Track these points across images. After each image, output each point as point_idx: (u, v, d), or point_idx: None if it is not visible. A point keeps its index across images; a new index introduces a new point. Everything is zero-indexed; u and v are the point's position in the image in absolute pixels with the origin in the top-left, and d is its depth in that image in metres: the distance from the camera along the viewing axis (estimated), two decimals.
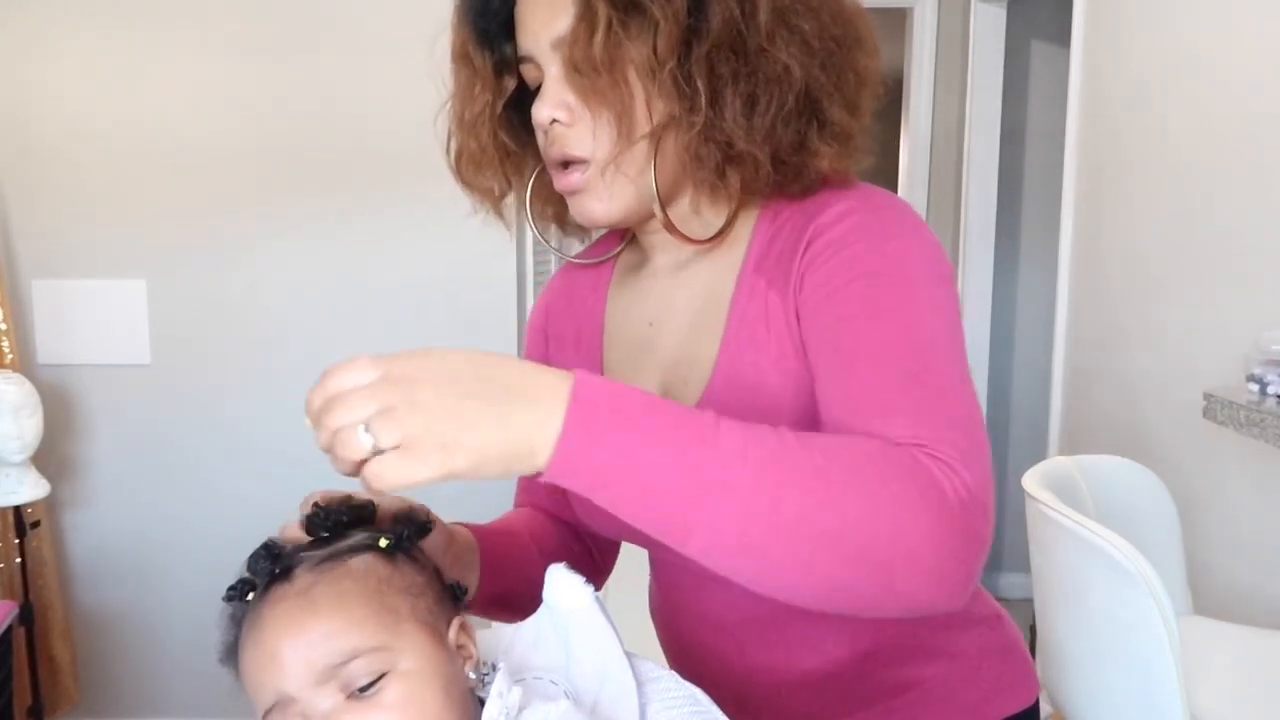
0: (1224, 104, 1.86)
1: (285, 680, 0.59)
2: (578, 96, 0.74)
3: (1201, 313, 1.93)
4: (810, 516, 0.56)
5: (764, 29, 0.71)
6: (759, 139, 0.72)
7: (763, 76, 0.71)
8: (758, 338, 0.75)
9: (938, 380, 0.66)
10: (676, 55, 0.71)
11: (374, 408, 0.54)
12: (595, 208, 0.78)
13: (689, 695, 0.67)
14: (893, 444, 0.61)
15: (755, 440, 0.58)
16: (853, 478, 0.58)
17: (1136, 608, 1.17)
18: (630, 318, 0.87)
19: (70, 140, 2.36)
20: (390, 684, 0.60)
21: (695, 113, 0.72)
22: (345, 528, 0.67)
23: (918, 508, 0.57)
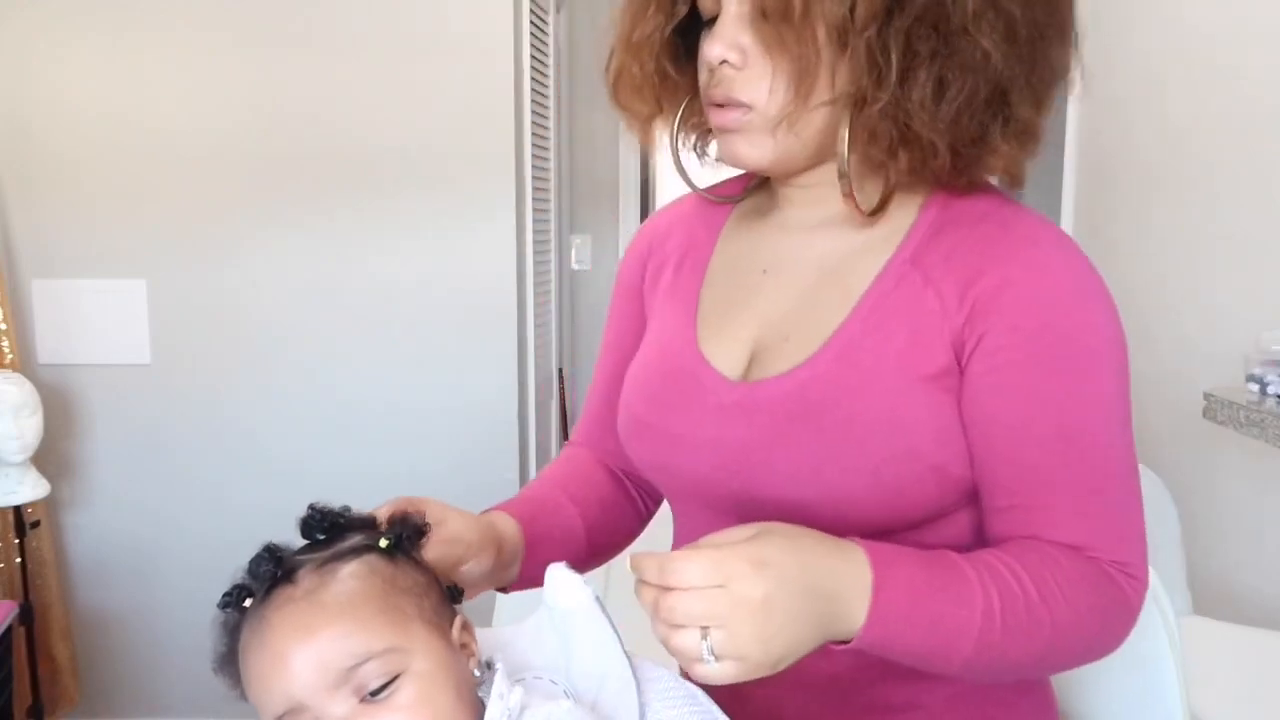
0: (1224, 103, 1.86)
1: (296, 686, 0.58)
2: (757, 41, 0.70)
3: (1201, 313, 1.93)
4: (1041, 658, 0.68)
5: (970, 8, 0.67)
6: (942, 127, 0.68)
7: (959, 60, 0.67)
8: (889, 330, 0.72)
9: (1127, 484, 0.71)
10: (877, 24, 0.66)
11: (716, 621, 0.58)
12: (747, 153, 0.75)
13: (689, 694, 0.67)
14: (1098, 567, 0.70)
15: (1009, 607, 0.65)
16: (1078, 626, 0.68)
17: None
18: (743, 260, 0.84)
19: (70, 140, 2.36)
20: (404, 685, 0.60)
21: (882, 88, 0.68)
22: (341, 530, 0.67)
23: (1119, 631, 0.71)
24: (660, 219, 0.94)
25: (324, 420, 2.46)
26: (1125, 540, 0.71)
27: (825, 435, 0.72)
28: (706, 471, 0.78)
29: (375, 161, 2.38)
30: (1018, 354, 0.69)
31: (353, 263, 2.41)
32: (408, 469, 2.45)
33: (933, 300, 0.72)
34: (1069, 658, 0.71)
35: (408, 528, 0.68)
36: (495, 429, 2.49)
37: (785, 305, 0.79)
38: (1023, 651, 0.66)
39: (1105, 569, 0.69)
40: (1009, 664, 0.67)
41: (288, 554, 0.64)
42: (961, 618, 0.64)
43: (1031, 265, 0.70)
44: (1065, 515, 0.70)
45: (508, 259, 2.43)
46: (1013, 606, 0.65)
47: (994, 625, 0.64)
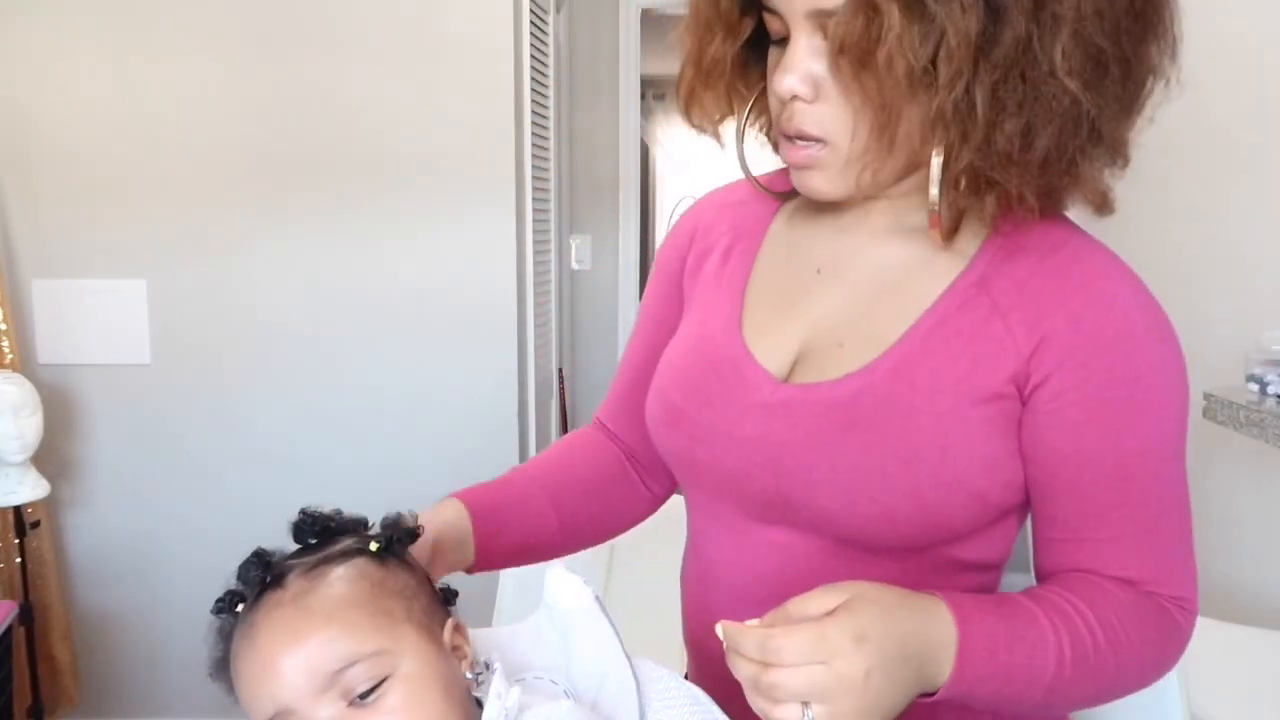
0: (1224, 103, 1.86)
1: (283, 690, 0.58)
2: (835, 79, 0.67)
3: (1201, 313, 1.93)
4: (1100, 694, 0.70)
5: (1061, 51, 0.62)
6: (1031, 176, 0.65)
7: (1046, 107, 0.63)
8: (949, 352, 0.70)
9: (1177, 518, 0.73)
10: (964, 78, 0.62)
11: (819, 697, 0.57)
12: (823, 188, 0.73)
13: (689, 695, 0.67)
14: (1155, 602, 0.71)
15: (1079, 653, 0.67)
16: (1139, 664, 0.71)
17: None
18: (794, 256, 0.81)
19: (70, 140, 2.36)
20: (391, 688, 0.59)
21: (967, 143, 0.64)
22: (332, 534, 0.67)
23: (1173, 659, 0.73)
24: (707, 205, 0.91)
25: (324, 420, 2.46)
26: (1179, 574, 0.73)
27: (871, 450, 0.70)
28: (740, 468, 0.76)
29: (375, 161, 2.38)
30: (1085, 392, 0.69)
31: (352, 263, 2.41)
32: (407, 468, 2.45)
33: (999, 328, 0.70)
34: (1125, 690, 0.72)
35: (398, 530, 0.68)
36: (495, 428, 2.48)
37: (839, 310, 0.76)
38: (1087, 690, 0.69)
39: (1163, 604, 0.72)
40: (1073, 701, 0.70)
41: (277, 559, 0.64)
42: (1037, 667, 0.66)
43: (1103, 303, 0.70)
44: (1121, 550, 0.72)
45: (508, 259, 2.43)
46: (1082, 651, 0.67)
47: (1065, 671, 0.67)
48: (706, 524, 0.83)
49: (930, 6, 0.61)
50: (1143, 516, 0.71)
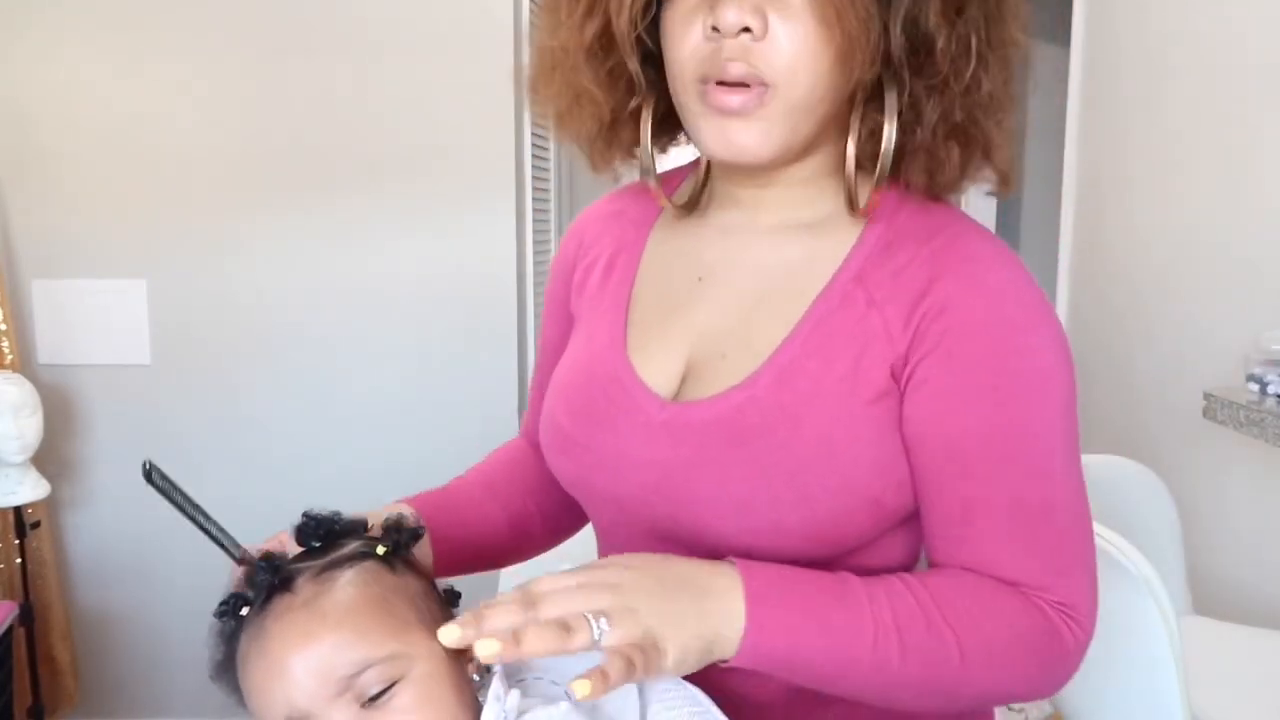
0: (1224, 102, 1.86)
1: (297, 694, 0.59)
2: (805, 6, 0.62)
3: (1201, 312, 1.93)
4: (946, 688, 0.64)
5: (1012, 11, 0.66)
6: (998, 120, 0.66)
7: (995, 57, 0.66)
8: (830, 353, 0.68)
9: (1066, 516, 0.67)
10: (952, 10, 0.62)
11: (606, 605, 0.57)
12: (754, 143, 0.65)
13: (689, 696, 0.67)
14: (1030, 603, 0.65)
15: (907, 623, 0.62)
16: (990, 655, 0.64)
17: (1136, 608, 1.17)
18: (676, 265, 0.78)
19: (70, 140, 2.36)
20: (403, 690, 0.60)
21: (950, 85, 0.63)
22: (336, 537, 0.67)
23: (1056, 674, 0.66)
24: (588, 218, 0.87)
25: (324, 419, 2.46)
26: (1066, 578, 0.66)
27: (758, 465, 0.67)
28: (629, 492, 0.73)
29: (375, 161, 2.38)
30: (953, 379, 0.65)
31: (353, 262, 2.41)
32: (407, 467, 2.45)
33: (877, 323, 0.67)
34: (991, 691, 0.65)
35: (403, 533, 0.68)
36: (495, 428, 2.48)
37: (722, 318, 0.73)
38: (929, 674, 0.63)
39: (1042, 607, 0.66)
40: (915, 685, 0.63)
41: (284, 562, 0.64)
42: (850, 622, 0.62)
43: (973, 287, 0.66)
44: (1000, 548, 0.66)
45: (508, 257, 2.43)
46: (911, 624, 0.62)
47: (890, 638, 0.62)
48: (609, 548, 0.81)
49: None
50: (1022, 513, 0.65)
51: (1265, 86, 1.74)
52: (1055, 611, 0.66)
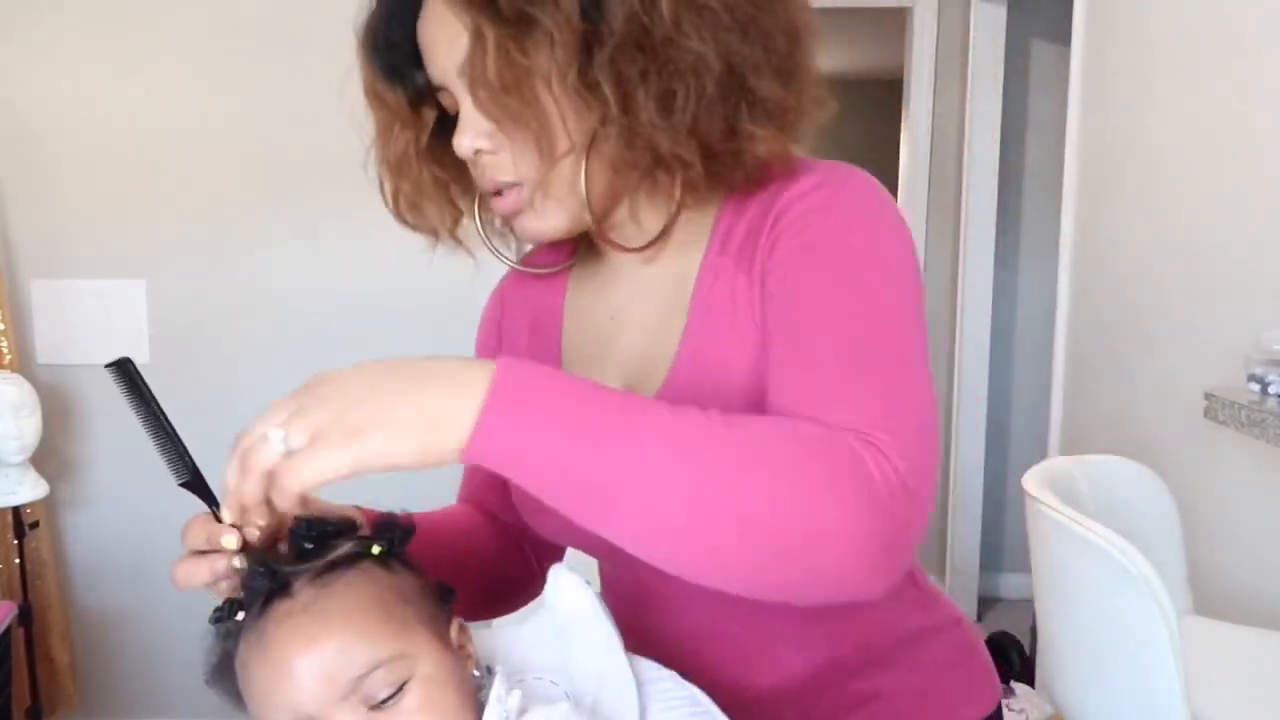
0: (1225, 102, 1.86)
1: (304, 699, 0.58)
2: (493, 122, 0.70)
3: (1202, 312, 1.93)
4: (727, 500, 0.56)
5: (668, 16, 0.66)
6: (683, 137, 0.68)
7: (675, 69, 0.66)
8: (722, 323, 0.72)
9: (890, 365, 0.64)
10: (577, 64, 0.66)
11: (284, 415, 0.57)
12: (537, 226, 0.76)
13: (689, 696, 0.67)
14: (829, 429, 0.59)
15: (680, 422, 0.57)
16: (776, 463, 0.57)
17: (1136, 608, 1.17)
18: (592, 310, 0.84)
19: (70, 140, 2.36)
20: (411, 691, 0.59)
21: (609, 122, 0.68)
22: (329, 538, 0.66)
23: (841, 494, 0.56)
24: (507, 286, 0.96)
25: None
26: (877, 414, 0.61)
27: None
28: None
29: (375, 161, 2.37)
30: (789, 258, 0.69)
31: (352, 262, 2.41)
32: None
33: (743, 279, 0.72)
34: (779, 519, 0.56)
35: (397, 531, 0.68)
36: None
37: (637, 343, 0.79)
38: (711, 493, 0.56)
39: (844, 435, 0.59)
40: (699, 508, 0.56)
41: (280, 566, 0.63)
42: (609, 419, 0.57)
43: (801, 188, 0.71)
44: (814, 380, 0.64)
45: None
46: (688, 424, 0.57)
47: (658, 442, 0.56)
48: (613, 579, 0.84)
49: (531, 13, 0.65)
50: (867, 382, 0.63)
51: (1266, 86, 1.74)
52: (859, 440, 0.59)
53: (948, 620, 0.85)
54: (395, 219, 0.83)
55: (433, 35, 0.72)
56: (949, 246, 3.40)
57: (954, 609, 0.87)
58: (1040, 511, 1.34)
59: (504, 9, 0.66)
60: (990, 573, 3.43)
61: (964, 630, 0.86)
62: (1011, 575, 3.43)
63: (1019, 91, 3.33)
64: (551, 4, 0.65)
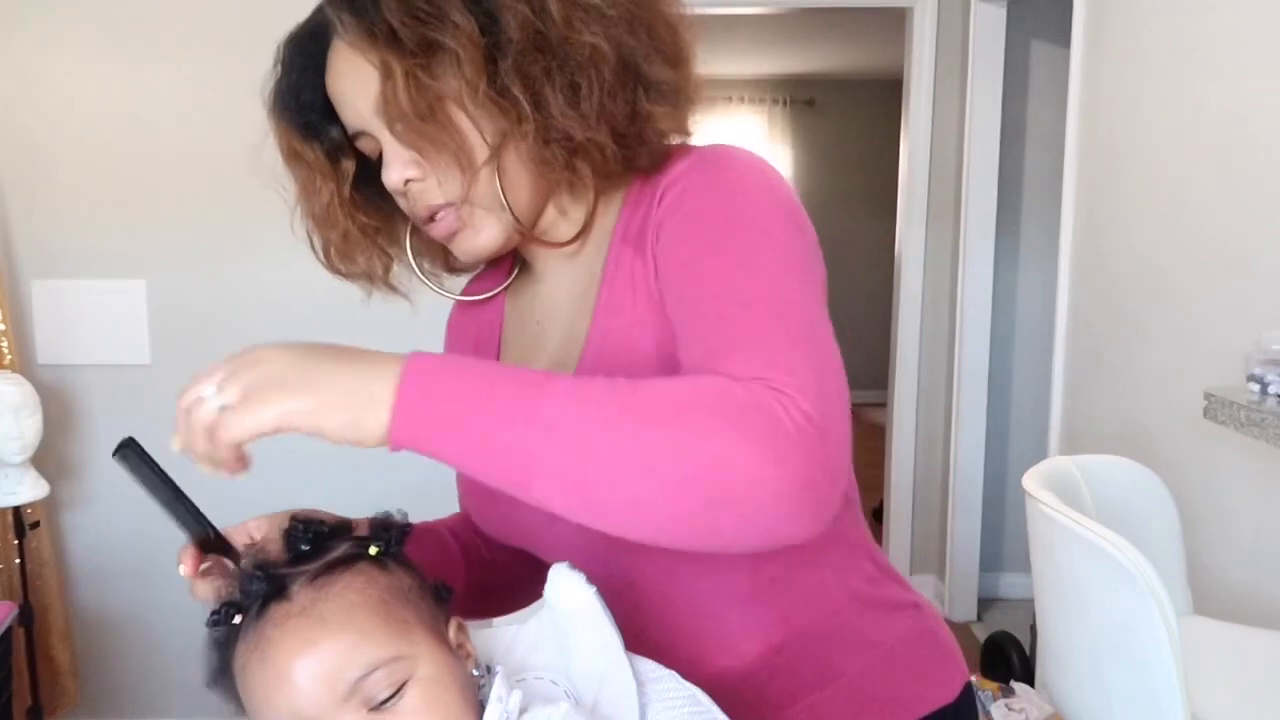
0: (1225, 103, 1.86)
1: (304, 702, 0.58)
2: (414, 150, 0.74)
3: (1201, 312, 1.93)
4: (639, 451, 0.58)
5: (558, 18, 0.71)
6: (593, 123, 0.72)
7: (575, 63, 0.71)
8: (623, 304, 0.76)
9: (782, 316, 0.66)
10: (486, 75, 0.71)
11: (219, 376, 0.60)
12: (475, 242, 0.78)
13: (689, 695, 0.67)
14: (732, 380, 0.61)
15: (585, 384, 0.61)
16: (681, 412, 0.59)
17: (1136, 608, 1.17)
18: (523, 321, 0.89)
19: (70, 141, 2.36)
20: (411, 691, 0.59)
21: (524, 121, 0.72)
22: (325, 540, 0.66)
23: (749, 435, 0.58)
24: (455, 315, 1.01)
25: None
26: (776, 361, 0.62)
27: None
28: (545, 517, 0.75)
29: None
30: (674, 230, 0.72)
31: None
32: (407, 468, 2.45)
33: (638, 262, 0.75)
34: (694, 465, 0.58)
35: (393, 532, 0.68)
36: None
37: (559, 339, 0.83)
38: (624, 446, 0.58)
39: (742, 380, 0.61)
40: (615, 461, 0.58)
41: (277, 568, 0.63)
42: (519, 386, 0.60)
43: (680, 171, 0.75)
44: (711, 336, 0.66)
45: None
46: (593, 384, 0.60)
47: (567, 402, 0.59)
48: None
49: (432, 38, 0.70)
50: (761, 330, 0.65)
51: (1265, 87, 1.74)
52: (761, 386, 0.61)
53: (905, 602, 0.86)
54: (328, 271, 0.88)
55: (343, 85, 0.76)
56: (949, 247, 3.41)
57: (913, 593, 0.88)
58: (1040, 511, 1.34)
59: (407, 40, 0.70)
60: (990, 573, 3.43)
61: (924, 614, 0.87)
62: (1011, 575, 3.43)
63: (1019, 92, 3.33)
64: (451, 25, 0.70)
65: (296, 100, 0.81)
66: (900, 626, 0.84)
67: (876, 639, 0.82)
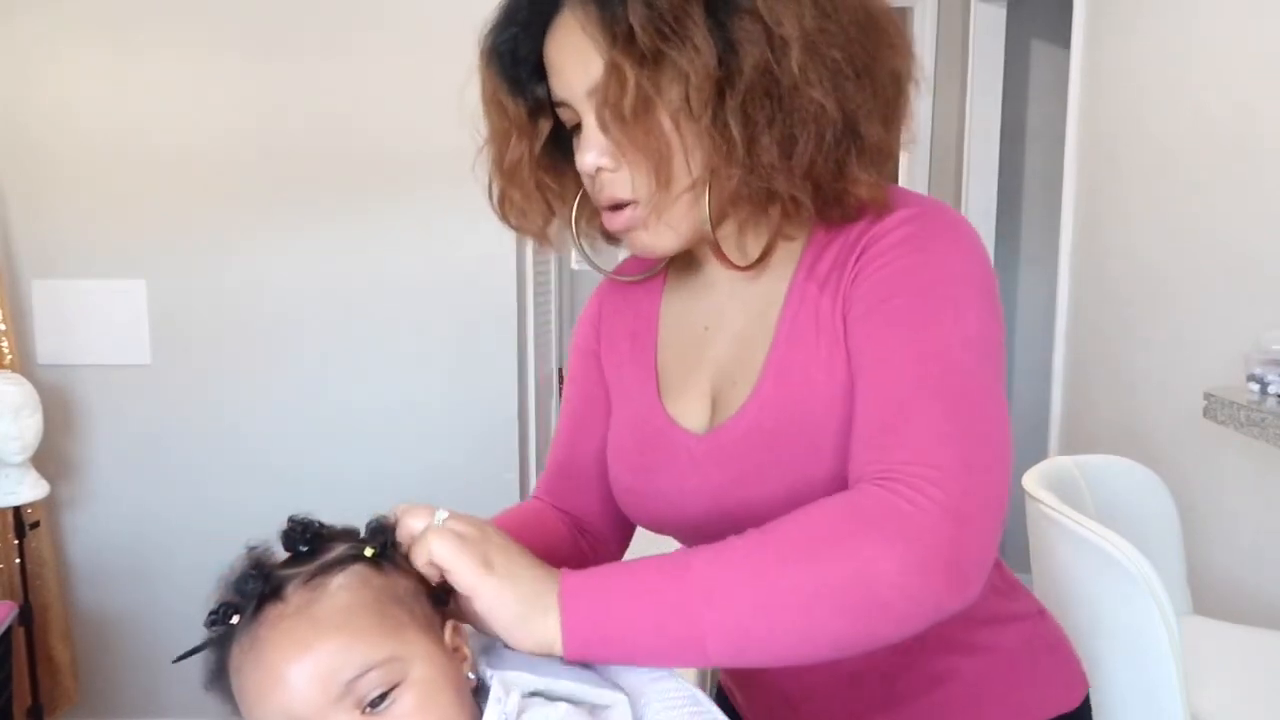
0: (1224, 103, 1.86)
1: (297, 702, 0.58)
2: (616, 143, 0.73)
3: (1201, 312, 1.93)
4: (793, 595, 0.62)
5: (797, 67, 0.69)
6: (799, 179, 0.72)
7: (799, 116, 0.70)
8: (806, 341, 0.77)
9: (954, 400, 0.68)
10: (710, 107, 0.70)
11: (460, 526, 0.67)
12: (653, 243, 0.78)
13: (689, 696, 0.67)
14: (857, 488, 0.66)
15: (724, 549, 0.64)
16: (819, 545, 0.63)
17: (1136, 608, 1.17)
18: (686, 320, 0.88)
19: (70, 141, 2.36)
20: (404, 693, 0.59)
21: (733, 163, 0.71)
22: (323, 541, 0.66)
23: (885, 546, 0.62)
24: (607, 287, 0.99)
25: (324, 420, 2.46)
26: (920, 449, 0.65)
27: (788, 455, 0.76)
28: (697, 521, 0.82)
29: (374, 161, 2.38)
30: (870, 297, 0.73)
31: (352, 263, 2.41)
32: (407, 469, 2.45)
33: (826, 303, 0.76)
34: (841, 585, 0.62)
35: (389, 534, 0.68)
36: (495, 429, 2.48)
37: (728, 353, 0.83)
38: (773, 588, 0.62)
39: (866, 481, 0.66)
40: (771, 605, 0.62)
41: (273, 569, 0.63)
42: (663, 576, 0.64)
43: (883, 227, 0.75)
44: (877, 419, 0.69)
45: (507, 257, 2.43)
46: (729, 546, 0.65)
47: (711, 569, 0.63)
48: None
49: (668, 54, 0.69)
50: (923, 418, 0.67)
51: (1266, 86, 1.74)
52: (885, 486, 0.64)
53: (1030, 612, 0.89)
54: (499, 219, 0.87)
55: (564, 56, 0.74)
56: None
57: (1036, 603, 0.91)
58: (1040, 511, 1.34)
59: (644, 47, 0.69)
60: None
61: (1047, 621, 0.90)
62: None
63: (1019, 91, 3.33)
64: (691, 48, 0.68)
65: (514, 54, 0.78)
66: (1024, 633, 0.87)
67: (998, 644, 0.85)
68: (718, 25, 0.69)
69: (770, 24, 0.69)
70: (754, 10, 0.69)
